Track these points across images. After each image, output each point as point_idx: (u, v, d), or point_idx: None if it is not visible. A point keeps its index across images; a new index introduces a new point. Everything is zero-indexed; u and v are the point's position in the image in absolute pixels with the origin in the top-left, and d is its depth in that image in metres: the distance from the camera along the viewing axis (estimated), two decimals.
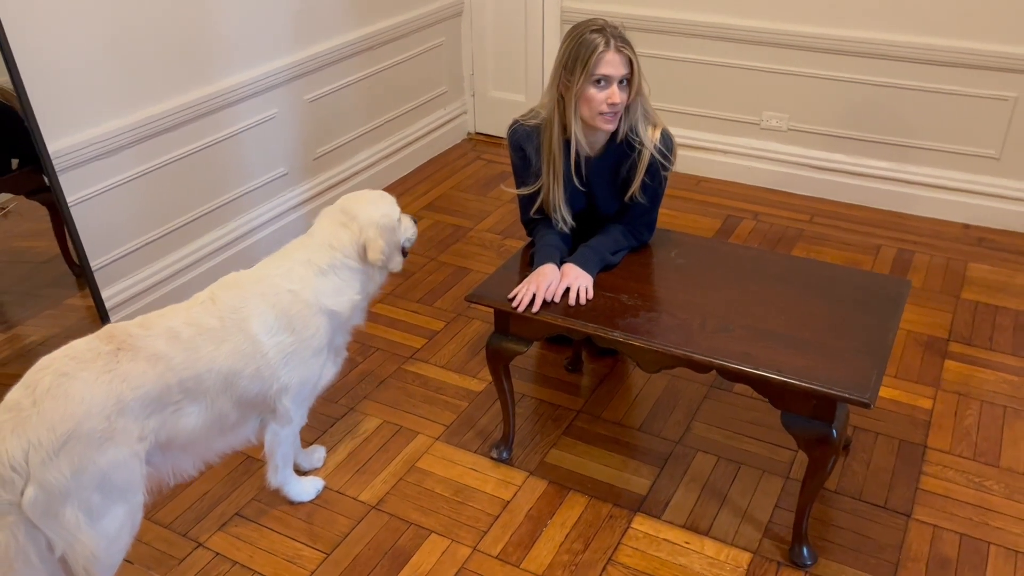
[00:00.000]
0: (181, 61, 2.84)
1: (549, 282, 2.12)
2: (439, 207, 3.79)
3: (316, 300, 2.00)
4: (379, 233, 2.04)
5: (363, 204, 2.08)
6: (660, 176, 2.25)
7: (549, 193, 2.26)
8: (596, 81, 2.07)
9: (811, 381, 1.81)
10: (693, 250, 2.36)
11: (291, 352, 1.97)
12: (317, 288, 2.01)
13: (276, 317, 1.95)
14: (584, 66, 2.05)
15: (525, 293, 2.10)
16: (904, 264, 3.25)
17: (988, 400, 2.54)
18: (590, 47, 2.04)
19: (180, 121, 2.86)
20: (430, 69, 4.10)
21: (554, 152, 2.20)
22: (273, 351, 1.94)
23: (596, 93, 2.08)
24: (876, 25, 3.38)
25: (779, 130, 3.76)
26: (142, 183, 2.80)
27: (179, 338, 1.83)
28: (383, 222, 2.06)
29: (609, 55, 2.05)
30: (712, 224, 3.56)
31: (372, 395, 2.64)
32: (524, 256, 2.32)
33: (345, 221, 2.06)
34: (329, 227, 2.07)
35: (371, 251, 2.04)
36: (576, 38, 2.08)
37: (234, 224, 3.19)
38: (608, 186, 2.29)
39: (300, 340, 1.98)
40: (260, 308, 1.94)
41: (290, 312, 1.96)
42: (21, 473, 1.61)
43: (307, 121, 3.44)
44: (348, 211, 2.07)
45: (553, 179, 2.24)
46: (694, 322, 2.02)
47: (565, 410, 2.56)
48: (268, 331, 1.93)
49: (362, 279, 2.08)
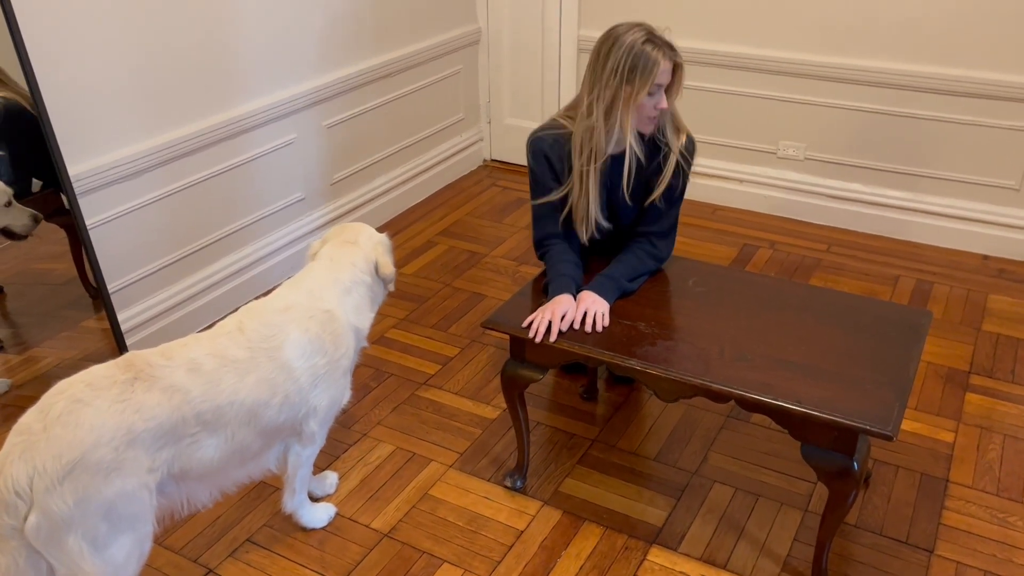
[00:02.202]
0: (202, 86, 2.87)
1: (565, 310, 2.11)
2: (455, 233, 3.79)
3: (346, 319, 2.04)
4: (386, 250, 2.21)
5: (355, 232, 2.20)
6: (681, 176, 2.26)
7: (580, 201, 2.25)
8: (650, 92, 2.11)
9: (832, 412, 1.78)
10: (710, 278, 2.34)
11: (323, 374, 1.98)
12: (346, 306, 2.05)
13: (311, 340, 1.95)
14: (646, 78, 2.07)
15: (541, 321, 2.09)
16: (923, 295, 3.21)
17: (1011, 434, 2.50)
18: (650, 61, 2.07)
19: (200, 145, 2.88)
20: (447, 96, 4.13)
21: (596, 153, 2.18)
22: (305, 375, 1.94)
23: (647, 100, 2.12)
24: (893, 55, 3.38)
25: (796, 159, 3.75)
26: (161, 206, 2.82)
27: (200, 370, 1.82)
28: (387, 241, 2.23)
29: (664, 65, 2.10)
30: (729, 253, 3.54)
31: (385, 421, 2.63)
32: (538, 284, 2.31)
33: (352, 240, 2.14)
34: (342, 248, 2.12)
35: (383, 266, 2.14)
36: (629, 49, 2.07)
37: (251, 248, 3.21)
38: (643, 182, 2.27)
39: (332, 360, 1.99)
40: (294, 334, 1.93)
41: (323, 333, 1.97)
42: (25, 499, 1.60)
43: (325, 147, 3.46)
44: (346, 234, 2.18)
45: (589, 186, 2.22)
46: (712, 351, 2.00)
47: (580, 439, 2.54)
48: (302, 355, 1.94)
49: (372, 296, 2.15)
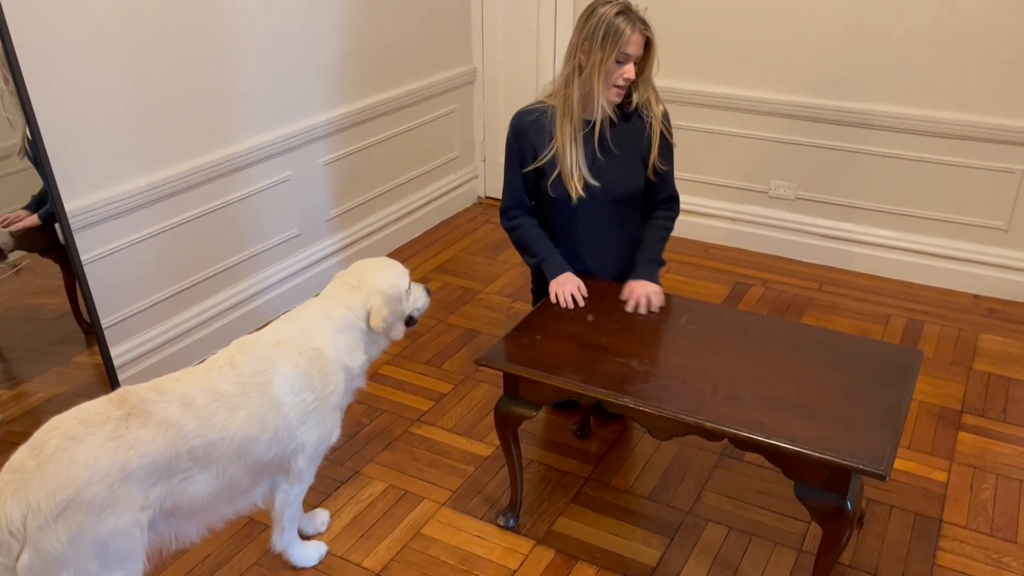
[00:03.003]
0: (199, 124, 2.90)
1: (576, 284, 2.41)
2: (448, 269, 3.80)
3: (336, 356, 2.02)
4: (384, 302, 2.09)
5: (374, 271, 2.14)
6: (669, 138, 2.49)
7: (567, 157, 2.39)
8: (618, 59, 2.28)
9: (825, 451, 1.78)
10: (703, 316, 2.35)
11: (312, 410, 1.98)
12: (337, 345, 2.04)
13: (299, 376, 1.95)
14: (614, 45, 2.25)
15: (564, 297, 2.38)
16: (915, 334, 3.23)
17: (1004, 474, 2.50)
18: (620, 28, 2.24)
19: (196, 182, 2.90)
20: (443, 135, 4.17)
21: (575, 116, 2.36)
22: (294, 411, 1.94)
23: (615, 68, 2.29)
24: (882, 98, 3.43)
25: (787, 199, 3.79)
26: (155, 242, 2.83)
27: (193, 405, 1.82)
28: (390, 292, 2.11)
29: (635, 36, 2.27)
30: (721, 291, 3.56)
31: (378, 458, 2.61)
32: (533, 320, 2.32)
33: (356, 285, 2.10)
34: (342, 288, 2.11)
35: (374, 318, 2.08)
36: (603, 19, 2.25)
37: (245, 284, 3.21)
38: (634, 151, 2.46)
39: (321, 397, 1.99)
40: (284, 368, 1.94)
41: (311, 370, 1.97)
42: (18, 537, 1.59)
43: (321, 183, 3.49)
44: (359, 276, 2.13)
45: (572, 143, 2.38)
46: (705, 389, 2.00)
47: (574, 477, 2.53)
48: (291, 390, 1.94)
49: (368, 341, 2.12)
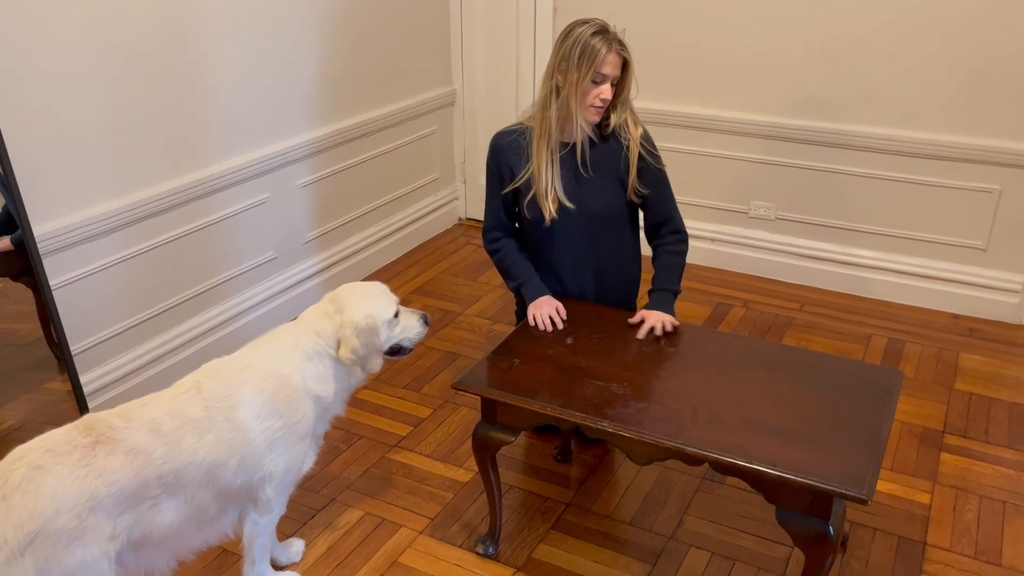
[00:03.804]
0: (173, 145, 2.86)
1: (555, 307, 2.40)
2: (429, 291, 3.77)
3: (303, 384, 1.97)
4: (355, 332, 2.00)
5: (354, 298, 2.06)
6: (653, 159, 2.42)
7: (542, 178, 2.37)
8: (594, 79, 2.27)
9: (806, 476, 1.75)
10: (684, 338, 2.33)
11: (278, 438, 1.93)
12: (305, 372, 1.98)
13: (264, 402, 1.91)
14: (590, 65, 2.24)
15: (543, 321, 2.36)
16: (895, 354, 3.23)
17: (987, 495, 2.48)
18: (595, 49, 2.24)
19: (169, 205, 2.86)
20: (423, 156, 4.16)
21: (552, 134, 2.35)
22: (260, 437, 1.90)
23: (591, 88, 2.28)
24: (860, 118, 3.45)
25: (767, 219, 3.80)
26: (127, 266, 2.78)
27: (160, 430, 1.78)
28: (363, 323, 2.01)
29: (611, 56, 2.26)
30: (702, 312, 3.55)
31: (355, 485, 2.56)
32: (511, 343, 2.29)
33: (331, 312, 2.04)
34: (316, 314, 2.06)
35: (342, 348, 2.00)
36: (579, 39, 2.26)
37: (220, 308, 3.16)
38: (611, 173, 2.42)
39: (287, 425, 1.94)
40: (248, 394, 1.90)
41: (278, 396, 1.92)
42: None
43: (298, 206, 3.45)
44: (338, 301, 2.06)
45: (548, 164, 2.37)
46: (685, 412, 1.98)
47: (554, 502, 2.49)
48: (256, 417, 1.89)
49: (342, 370, 2.05)
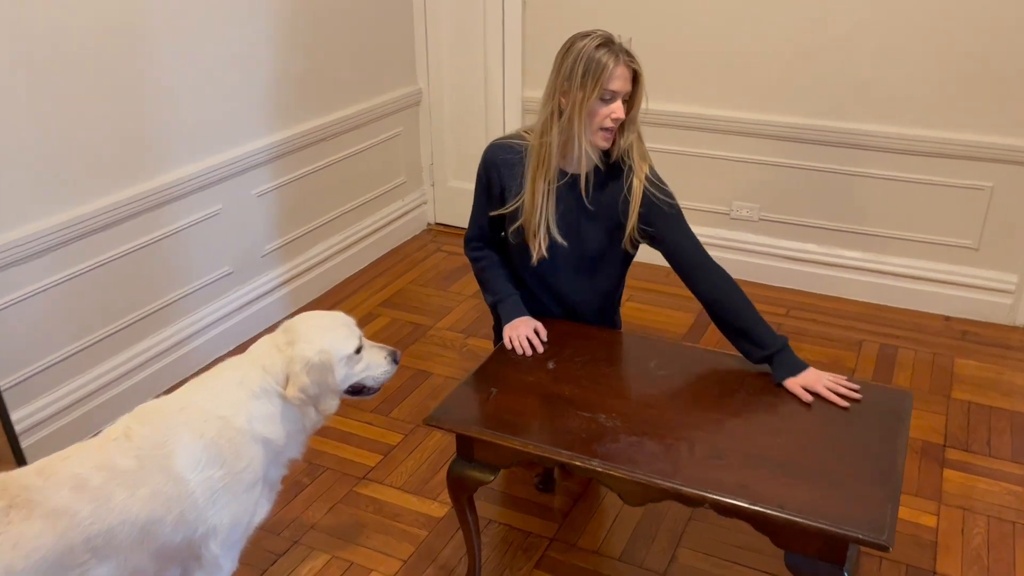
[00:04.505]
0: (114, 156, 2.62)
1: (533, 328, 2.18)
2: (397, 303, 3.56)
3: (249, 427, 1.74)
4: (306, 369, 1.75)
5: (309, 330, 1.81)
6: (665, 201, 2.11)
7: (532, 215, 2.12)
8: (602, 97, 1.99)
9: (819, 519, 1.58)
10: (674, 359, 2.15)
11: (221, 488, 1.70)
12: (251, 413, 1.74)
13: (204, 448, 1.68)
14: (596, 82, 1.97)
15: (521, 345, 2.14)
16: (889, 361, 3.08)
17: (995, 515, 2.34)
18: (601, 63, 1.96)
19: (111, 221, 2.62)
20: (388, 160, 3.94)
21: (552, 163, 2.08)
22: (200, 489, 1.67)
23: (601, 108, 2.00)
24: (846, 114, 3.30)
25: (750, 220, 3.64)
26: (64, 289, 2.54)
27: (86, 486, 1.56)
28: (315, 359, 1.76)
29: (620, 70, 1.99)
30: (685, 319, 3.38)
31: (320, 524, 2.36)
32: (487, 369, 2.10)
33: (282, 345, 1.80)
34: (267, 347, 1.82)
35: (289, 386, 1.76)
36: (582, 53, 1.98)
37: (171, 331, 2.93)
38: (612, 211, 2.15)
39: (231, 473, 1.71)
40: (185, 440, 1.67)
41: (220, 441, 1.70)
42: None
43: (255, 216, 3.22)
44: (292, 333, 1.81)
45: (544, 199, 2.11)
46: (681, 447, 1.80)
47: (537, 538, 2.30)
48: (194, 466, 1.67)
49: (294, 410, 1.80)
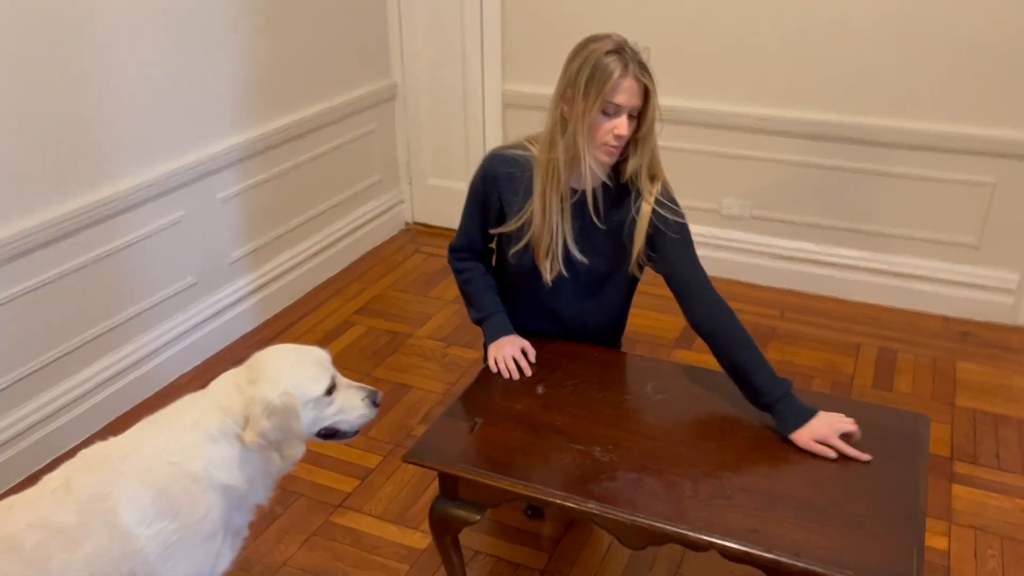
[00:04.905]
0: (63, 162, 2.42)
1: (519, 347, 2.04)
2: (373, 310, 3.39)
3: (206, 473, 1.56)
4: (266, 413, 1.57)
5: (274, 368, 1.63)
6: (673, 224, 1.93)
7: (544, 233, 1.92)
8: (605, 110, 1.80)
9: (839, 569, 1.44)
10: (672, 381, 2.01)
11: (175, 542, 1.53)
12: (208, 458, 1.57)
13: (154, 499, 1.51)
14: (598, 92, 1.77)
15: (507, 367, 2.00)
16: (888, 365, 2.96)
17: (1008, 535, 2.22)
18: (607, 71, 1.76)
19: (60, 234, 2.42)
20: (362, 157, 3.74)
21: (561, 183, 1.89)
22: (151, 544, 1.50)
23: (603, 122, 1.81)
24: (841, 108, 3.15)
25: (741, 217, 3.49)
26: (11, 309, 2.35)
27: (20, 548, 1.40)
28: (277, 402, 1.57)
29: (627, 82, 1.78)
30: (676, 323, 3.23)
31: (293, 560, 2.19)
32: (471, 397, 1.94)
33: (243, 384, 1.62)
34: (228, 384, 1.64)
35: (248, 430, 1.57)
36: (589, 58, 1.78)
37: (130, 348, 2.73)
38: (621, 230, 1.96)
39: (185, 526, 1.54)
40: (131, 490, 1.50)
41: (171, 491, 1.53)
42: None
43: (220, 222, 3.03)
44: (256, 369, 1.63)
45: (560, 217, 1.91)
46: (684, 485, 1.65)
47: (526, 570, 2.15)
48: (143, 520, 1.50)
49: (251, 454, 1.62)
